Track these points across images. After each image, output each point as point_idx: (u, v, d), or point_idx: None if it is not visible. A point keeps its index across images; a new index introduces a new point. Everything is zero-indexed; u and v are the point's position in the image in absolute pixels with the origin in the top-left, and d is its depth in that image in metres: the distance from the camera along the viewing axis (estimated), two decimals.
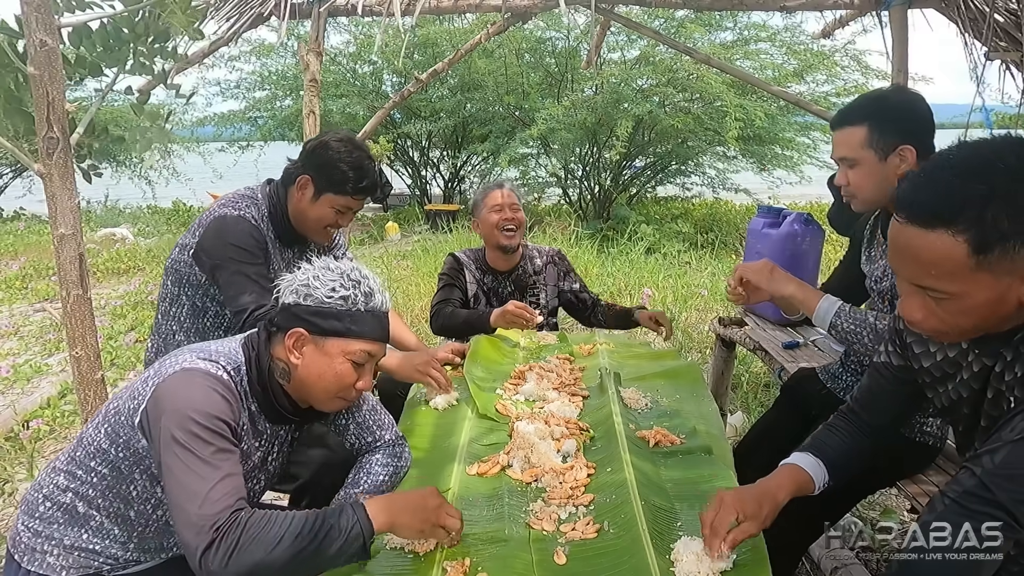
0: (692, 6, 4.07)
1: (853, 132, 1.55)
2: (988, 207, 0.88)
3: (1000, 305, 0.94)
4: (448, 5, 3.42)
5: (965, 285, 0.92)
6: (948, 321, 0.98)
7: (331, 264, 1.29)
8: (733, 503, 1.18)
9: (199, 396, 1.16)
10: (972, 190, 0.89)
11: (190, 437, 1.11)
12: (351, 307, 1.25)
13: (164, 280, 1.99)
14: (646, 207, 9.75)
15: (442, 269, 2.68)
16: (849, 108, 1.61)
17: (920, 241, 0.93)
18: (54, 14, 1.60)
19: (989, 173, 0.89)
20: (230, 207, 1.87)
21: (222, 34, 3.30)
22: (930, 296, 0.97)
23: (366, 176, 1.88)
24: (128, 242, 8.42)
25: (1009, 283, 0.92)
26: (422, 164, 11.55)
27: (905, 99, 1.58)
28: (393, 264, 6.81)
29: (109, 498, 1.26)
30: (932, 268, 0.93)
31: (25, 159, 1.75)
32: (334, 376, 1.27)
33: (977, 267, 0.90)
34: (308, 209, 1.89)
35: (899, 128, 1.51)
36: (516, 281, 2.66)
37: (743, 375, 3.82)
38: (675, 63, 7.62)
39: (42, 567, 1.26)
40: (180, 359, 1.23)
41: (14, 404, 3.49)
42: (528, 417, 1.74)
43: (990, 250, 0.89)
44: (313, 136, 3.47)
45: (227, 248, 1.80)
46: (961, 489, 0.94)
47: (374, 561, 1.23)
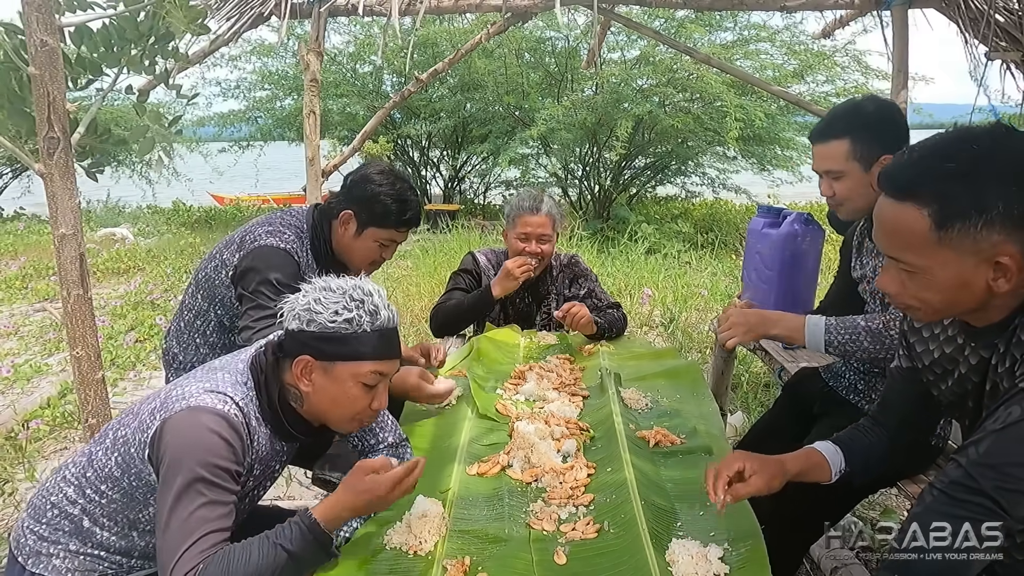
0: (692, 6, 4.07)
1: (836, 146, 1.60)
2: (950, 183, 0.93)
3: (967, 287, 0.97)
4: (448, 5, 3.42)
5: (929, 259, 0.97)
6: (918, 296, 1.02)
7: (332, 283, 1.24)
8: (740, 457, 1.23)
9: (201, 441, 1.14)
10: (940, 167, 0.94)
11: (184, 489, 1.11)
12: (356, 329, 1.20)
13: (193, 291, 1.97)
14: (646, 207, 9.75)
15: (459, 266, 2.62)
16: (829, 122, 1.64)
17: (892, 212, 1.00)
18: (55, 14, 1.60)
19: (960, 154, 0.94)
20: (276, 237, 1.83)
21: (222, 34, 3.30)
22: (902, 269, 1.01)
23: (409, 208, 1.86)
24: (128, 242, 8.42)
25: (975, 264, 0.94)
26: (422, 164, 11.55)
27: (882, 109, 1.61)
28: (393, 264, 6.82)
29: (116, 519, 1.26)
30: (899, 239, 0.99)
31: (26, 159, 1.75)
32: (348, 401, 1.25)
33: (939, 243, 0.95)
34: (352, 244, 1.87)
35: (880, 139, 1.56)
36: (533, 291, 2.59)
37: (743, 375, 3.82)
38: (675, 63, 7.63)
39: (47, 570, 1.26)
40: (187, 391, 1.21)
41: (14, 404, 3.49)
42: (528, 417, 1.74)
43: (950, 225, 0.93)
44: (315, 133, 3.49)
45: (263, 284, 1.75)
46: (948, 480, 0.97)
47: (374, 561, 1.24)
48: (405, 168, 11.69)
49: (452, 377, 2.06)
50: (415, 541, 1.26)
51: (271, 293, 1.74)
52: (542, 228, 2.41)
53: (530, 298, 2.59)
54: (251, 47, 9.66)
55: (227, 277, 1.84)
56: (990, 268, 0.94)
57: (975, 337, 1.09)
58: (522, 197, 2.46)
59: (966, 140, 0.95)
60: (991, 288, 0.96)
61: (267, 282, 1.75)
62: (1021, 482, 0.91)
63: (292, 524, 1.14)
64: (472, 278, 2.55)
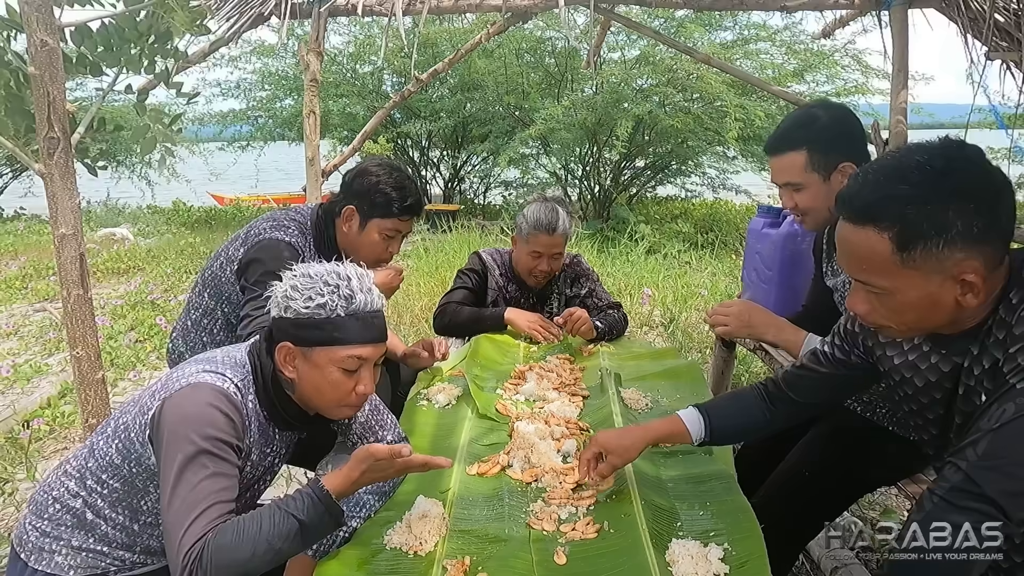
0: (692, 6, 4.07)
1: (793, 158, 1.59)
2: (908, 206, 0.93)
3: (936, 305, 0.97)
4: (448, 5, 3.42)
5: (895, 281, 0.97)
6: (889, 317, 1.02)
7: (311, 270, 1.24)
8: (598, 439, 1.39)
9: (203, 415, 1.16)
10: (896, 190, 0.94)
11: (187, 460, 1.11)
12: (330, 314, 1.20)
13: (200, 290, 1.97)
14: (646, 207, 9.75)
15: (464, 266, 2.62)
16: (783, 134, 1.63)
17: (853, 237, 0.99)
18: (55, 12, 1.60)
19: (915, 174, 0.94)
20: (281, 231, 1.83)
21: (222, 34, 3.30)
22: (870, 291, 1.01)
23: (410, 195, 1.86)
24: (128, 242, 8.41)
25: (941, 282, 0.95)
26: (422, 164, 11.55)
27: (835, 116, 1.60)
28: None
29: (118, 510, 1.27)
30: (863, 263, 0.99)
31: (26, 159, 1.75)
32: (329, 386, 1.24)
33: (903, 264, 0.95)
34: (357, 240, 1.87)
35: (836, 147, 1.55)
36: (540, 293, 2.59)
37: (743, 375, 3.82)
38: (675, 63, 7.62)
39: (50, 566, 1.26)
40: (187, 372, 1.23)
41: (14, 404, 3.49)
42: (528, 417, 1.74)
43: (912, 248, 0.93)
44: (315, 133, 3.49)
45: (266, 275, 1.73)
46: (948, 485, 0.95)
47: (374, 561, 1.24)
48: (405, 168, 11.69)
49: (452, 377, 2.07)
50: (415, 541, 1.26)
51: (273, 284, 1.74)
52: (556, 248, 2.41)
53: (534, 298, 2.59)
54: (251, 47, 9.67)
55: (232, 273, 1.84)
56: (956, 285, 0.95)
57: (945, 345, 1.08)
58: (539, 213, 2.38)
59: (918, 160, 0.95)
60: (960, 303, 0.96)
61: (269, 273, 1.74)
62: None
63: (303, 494, 1.14)
64: (478, 277, 2.56)
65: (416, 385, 2.02)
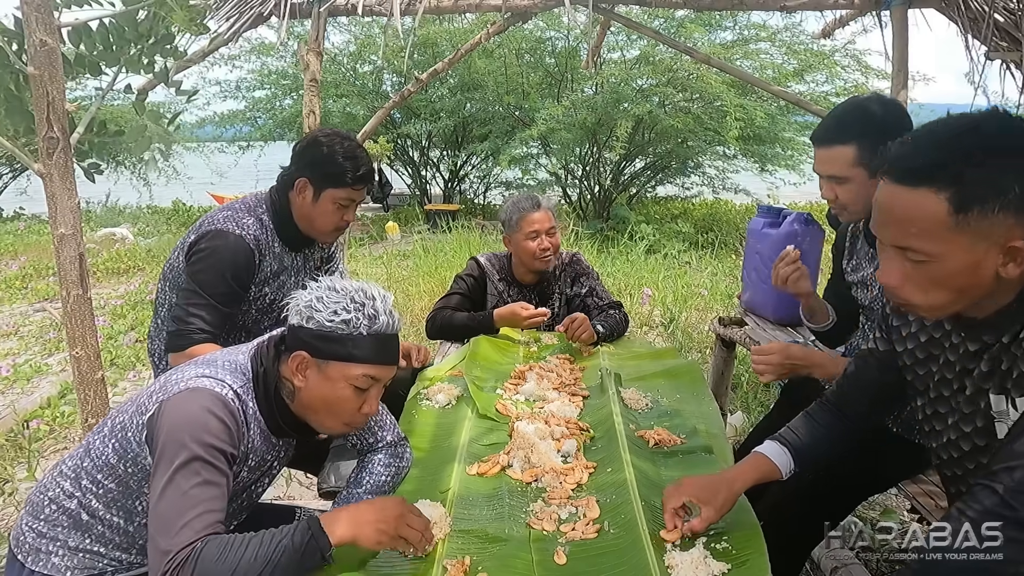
0: (692, 6, 4.07)
1: (842, 151, 1.54)
2: (968, 166, 0.91)
3: (975, 274, 0.95)
4: (448, 5, 3.42)
5: (943, 246, 0.94)
6: (923, 288, 1.00)
7: (338, 284, 1.26)
8: (683, 489, 1.28)
9: (200, 420, 1.16)
10: (955, 150, 0.93)
11: (180, 466, 1.11)
12: (352, 331, 1.21)
13: (161, 285, 1.97)
14: (646, 207, 9.75)
15: (461, 271, 2.62)
16: (834, 125, 1.58)
17: (904, 198, 0.96)
18: (54, 12, 1.60)
19: (971, 136, 0.93)
20: (232, 223, 1.83)
21: (222, 34, 3.30)
22: (909, 260, 0.98)
23: (362, 164, 1.86)
24: (128, 242, 8.41)
25: (986, 249, 0.93)
26: (422, 164, 11.55)
27: (890, 111, 1.56)
28: (393, 264, 6.81)
29: (113, 511, 1.27)
30: (913, 226, 0.96)
31: (25, 159, 1.75)
32: (337, 401, 1.25)
33: (956, 227, 0.92)
34: (312, 212, 1.86)
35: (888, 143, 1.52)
36: (541, 293, 2.59)
37: (743, 375, 3.82)
38: (675, 63, 7.62)
39: (47, 567, 1.26)
40: (187, 374, 1.23)
41: (14, 404, 3.49)
42: (528, 417, 1.74)
43: (969, 209, 0.91)
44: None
45: (208, 271, 1.77)
46: (981, 508, 0.93)
47: (374, 561, 1.23)
48: (405, 168, 11.70)
49: (452, 377, 2.07)
50: None
51: (212, 281, 1.76)
52: (548, 222, 2.45)
53: (536, 298, 2.59)
54: (251, 47, 9.67)
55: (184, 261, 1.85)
56: (1000, 253, 0.93)
57: (964, 329, 1.07)
58: (517, 200, 2.50)
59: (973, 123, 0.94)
60: (999, 275, 0.94)
61: (213, 270, 1.77)
62: None
63: (297, 525, 1.14)
64: (475, 281, 2.57)
65: (416, 385, 2.02)
